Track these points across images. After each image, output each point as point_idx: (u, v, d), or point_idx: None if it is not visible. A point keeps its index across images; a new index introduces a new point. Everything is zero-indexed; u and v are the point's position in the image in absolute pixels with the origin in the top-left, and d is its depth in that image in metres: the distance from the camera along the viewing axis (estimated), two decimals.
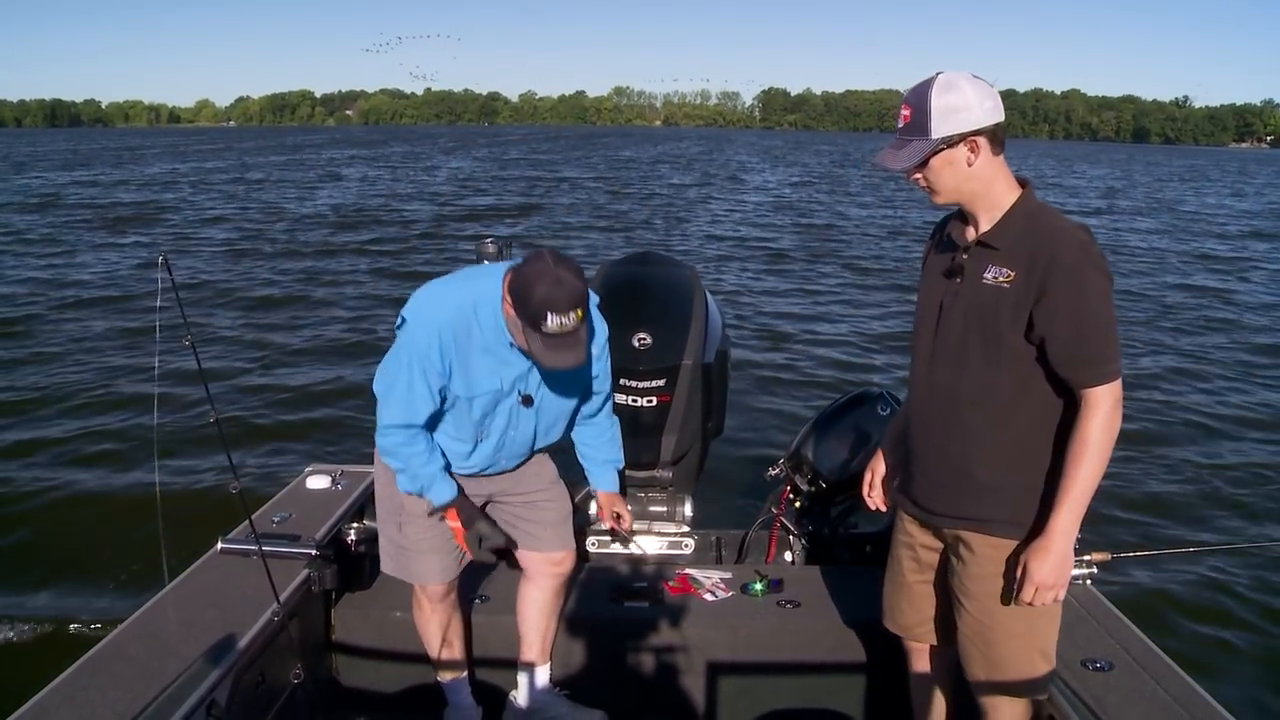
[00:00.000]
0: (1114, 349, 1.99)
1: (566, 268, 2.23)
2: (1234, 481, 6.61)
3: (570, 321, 2.21)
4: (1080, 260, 1.96)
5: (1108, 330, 1.99)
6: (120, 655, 2.40)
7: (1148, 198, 34.41)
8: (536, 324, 2.21)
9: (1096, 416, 1.99)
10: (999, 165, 2.07)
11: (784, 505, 3.75)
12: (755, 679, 3.05)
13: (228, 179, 34.30)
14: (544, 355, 2.27)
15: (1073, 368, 2.00)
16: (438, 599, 2.79)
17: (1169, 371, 9.73)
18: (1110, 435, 2.00)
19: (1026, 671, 2.24)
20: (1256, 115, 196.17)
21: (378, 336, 10.31)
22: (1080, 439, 2.00)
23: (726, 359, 3.66)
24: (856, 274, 15.27)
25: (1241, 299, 14.31)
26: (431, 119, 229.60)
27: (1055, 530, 2.04)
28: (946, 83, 2.02)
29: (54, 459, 6.52)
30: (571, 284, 2.21)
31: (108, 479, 6.19)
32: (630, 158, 53.95)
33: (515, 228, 20.17)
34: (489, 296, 2.40)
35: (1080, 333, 1.97)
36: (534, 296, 2.19)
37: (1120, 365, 2.00)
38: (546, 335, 2.23)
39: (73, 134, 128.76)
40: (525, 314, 2.23)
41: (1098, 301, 1.97)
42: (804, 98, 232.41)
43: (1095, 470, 2.01)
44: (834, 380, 8.72)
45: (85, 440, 6.86)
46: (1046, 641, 2.25)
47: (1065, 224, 2.04)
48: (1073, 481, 2.01)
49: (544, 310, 2.19)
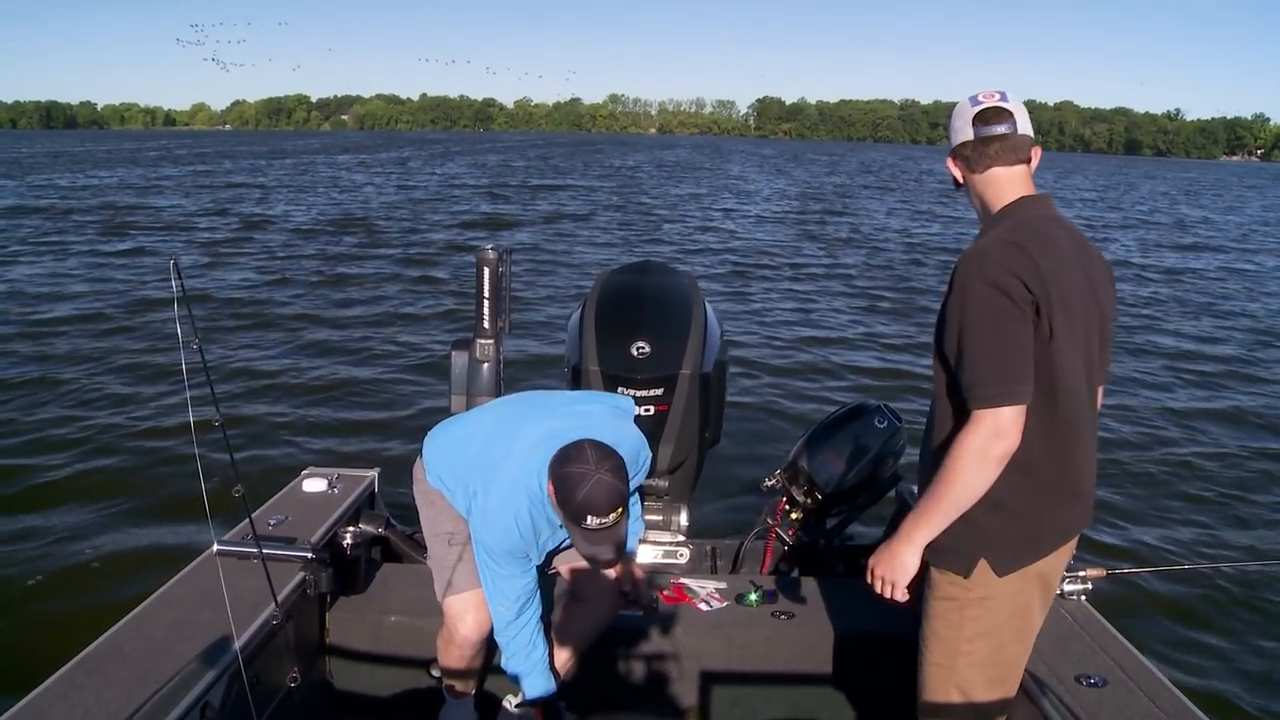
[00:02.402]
0: (994, 373, 1.88)
1: (608, 467, 2.34)
2: (1231, 497, 6.62)
3: (609, 521, 2.34)
4: (970, 273, 1.92)
5: (989, 350, 1.89)
6: (115, 655, 2.40)
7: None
8: (578, 521, 2.34)
9: (967, 436, 1.90)
10: (987, 182, 2.12)
11: (780, 516, 3.77)
12: (749, 689, 3.05)
13: (227, 182, 34.22)
14: (583, 546, 2.42)
15: (960, 386, 1.94)
16: (473, 638, 2.78)
17: (1165, 382, 9.78)
18: (982, 463, 1.89)
19: (944, 704, 2.19)
20: (1247, 128, 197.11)
21: (377, 339, 10.33)
22: (949, 454, 1.93)
23: (725, 369, 3.67)
24: (858, 285, 15.27)
25: (1250, 308, 14.37)
26: (427, 124, 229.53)
27: (901, 532, 2.05)
28: (962, 102, 2.14)
29: (49, 458, 6.49)
30: (611, 486, 2.32)
31: (103, 480, 6.17)
32: (626, 165, 53.98)
33: (514, 235, 20.16)
34: (533, 483, 2.50)
35: (961, 349, 1.93)
36: (576, 498, 2.31)
37: (1006, 392, 1.87)
38: (587, 530, 2.35)
39: (68, 136, 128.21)
40: (567, 512, 2.35)
41: (977, 319, 1.90)
42: (799, 107, 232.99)
43: (953, 489, 1.92)
44: (832, 392, 8.72)
45: (82, 440, 6.83)
46: (967, 682, 2.15)
47: (994, 237, 2.00)
48: (930, 493, 1.98)
49: (585, 513, 2.31)
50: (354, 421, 7.35)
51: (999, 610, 2.09)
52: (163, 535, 5.32)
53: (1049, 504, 2.03)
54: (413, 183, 35.80)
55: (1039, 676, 2.48)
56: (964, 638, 2.11)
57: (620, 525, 2.38)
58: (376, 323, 11.24)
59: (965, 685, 2.16)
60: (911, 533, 2.03)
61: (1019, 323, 1.90)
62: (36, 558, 5.07)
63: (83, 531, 5.40)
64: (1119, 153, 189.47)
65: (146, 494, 5.87)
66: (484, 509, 2.57)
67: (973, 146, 2.10)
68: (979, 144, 2.09)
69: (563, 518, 2.39)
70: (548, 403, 2.80)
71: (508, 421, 2.71)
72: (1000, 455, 1.90)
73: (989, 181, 2.12)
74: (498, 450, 2.60)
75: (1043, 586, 2.16)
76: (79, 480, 6.13)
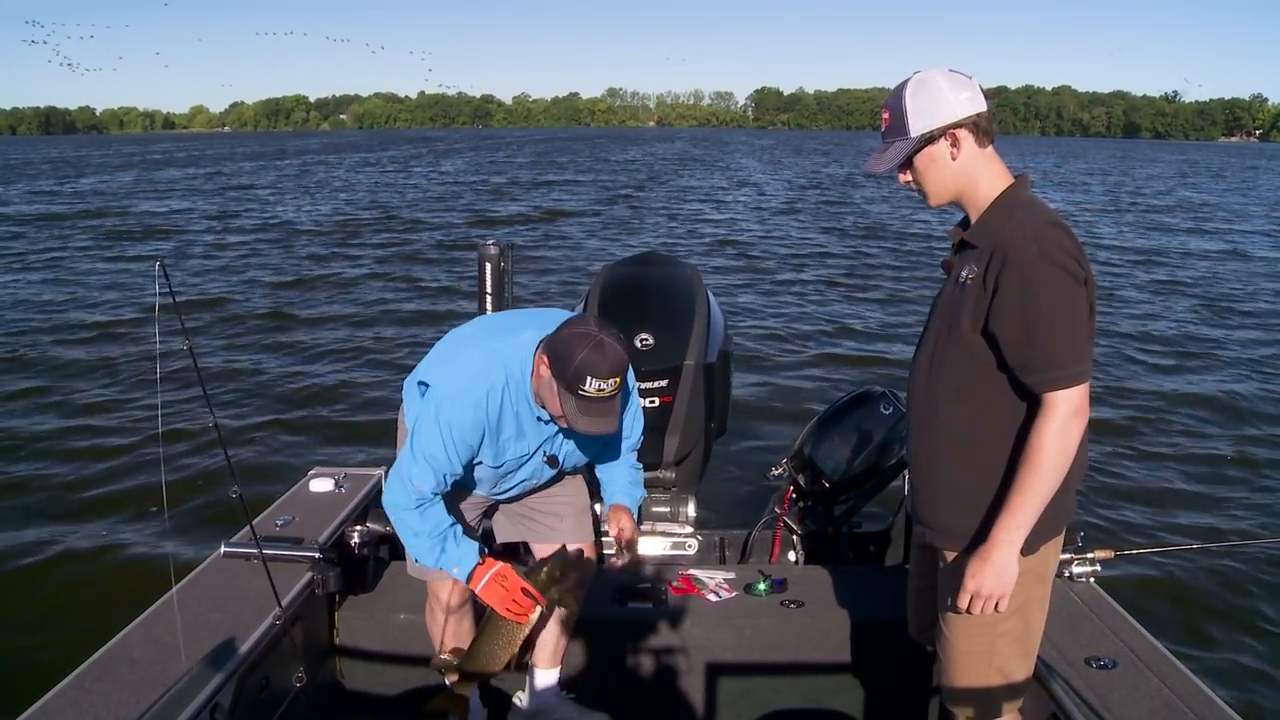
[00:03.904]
0: (1070, 353, 1.87)
1: (610, 333, 2.23)
2: (1241, 477, 6.62)
3: (609, 387, 2.19)
4: (1033, 258, 1.87)
5: (1063, 332, 1.87)
6: (124, 658, 2.40)
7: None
8: (574, 387, 2.19)
9: (1049, 423, 1.88)
10: (986, 158, 2.01)
11: (787, 505, 3.76)
12: (759, 679, 3.05)
13: (224, 185, 34.23)
14: (577, 419, 2.24)
15: (1025, 370, 1.91)
16: (453, 604, 2.74)
17: (1174, 361, 9.76)
18: (1064, 444, 1.89)
19: (982, 689, 2.17)
20: (1245, 109, 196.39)
21: (379, 339, 10.32)
22: (1030, 445, 1.90)
23: (729, 359, 3.67)
24: (859, 273, 15.27)
25: (1261, 290, 14.32)
26: (425, 122, 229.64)
27: (996, 539, 1.96)
28: (920, 80, 2.00)
29: (56, 463, 6.52)
30: (614, 350, 2.20)
31: (111, 483, 6.19)
32: (626, 159, 53.92)
33: (515, 232, 20.15)
34: (516, 367, 2.36)
35: (1029, 334, 1.88)
36: (575, 358, 2.17)
37: (1081, 370, 1.88)
38: (583, 399, 2.20)
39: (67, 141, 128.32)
40: (563, 376, 2.20)
41: (1051, 301, 1.86)
42: (797, 97, 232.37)
43: (1044, 480, 1.90)
44: (837, 380, 8.71)
45: (88, 444, 6.86)
46: (1006, 662, 2.14)
47: (1033, 219, 1.93)
48: (1019, 489, 1.92)
49: (584, 374, 2.17)
50: (357, 422, 7.36)
51: (1027, 583, 2.06)
52: (169, 539, 5.33)
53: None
54: (413, 181, 35.80)
55: (1049, 659, 2.47)
56: (999, 618, 2.07)
57: (617, 398, 2.25)
58: (379, 322, 11.26)
59: (1004, 665, 2.15)
60: (1007, 536, 1.95)
61: (1082, 302, 1.90)
62: (44, 565, 5.09)
63: (88, 537, 5.42)
64: (1118, 136, 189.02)
65: (154, 498, 5.87)
66: (452, 376, 2.37)
67: (987, 118, 2.00)
68: (990, 115, 2.01)
69: (558, 388, 2.22)
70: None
71: (484, 326, 2.63)
72: (1080, 434, 1.91)
73: (991, 158, 2.03)
74: (473, 339, 2.50)
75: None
76: (81, 487, 6.15)
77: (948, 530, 2.13)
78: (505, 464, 2.48)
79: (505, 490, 2.63)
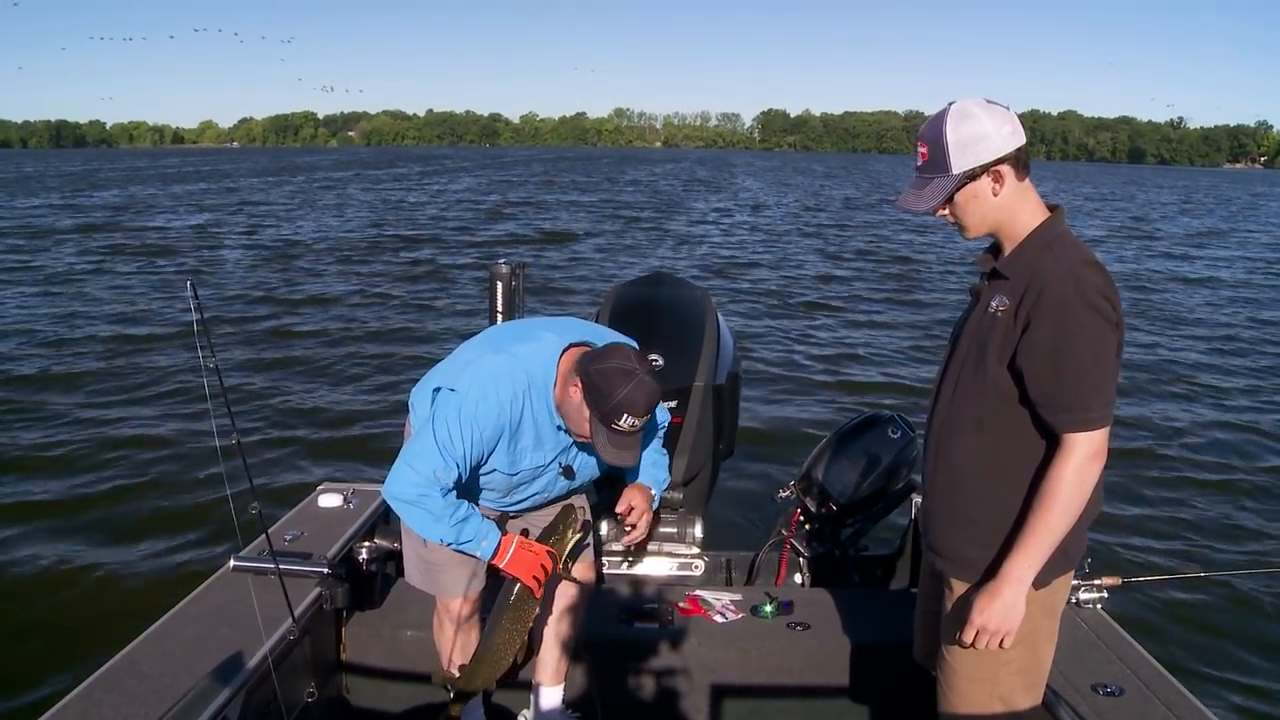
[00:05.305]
0: (1096, 396, 1.87)
1: (648, 369, 2.22)
2: (1248, 504, 6.60)
3: (641, 424, 2.21)
4: (1068, 297, 1.85)
5: (1091, 374, 1.86)
6: (133, 671, 2.40)
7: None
8: (610, 420, 2.19)
9: (1067, 463, 1.89)
10: (1024, 191, 1.98)
11: (794, 527, 3.76)
12: (764, 701, 3.04)
13: (240, 201, 34.35)
14: (607, 451, 2.25)
15: (1049, 409, 1.90)
16: (463, 616, 2.74)
17: (1183, 389, 9.75)
18: (1081, 485, 1.89)
19: (984, 717, 2.16)
20: (1250, 135, 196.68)
21: (389, 356, 10.35)
22: (1047, 484, 1.91)
23: (738, 380, 3.67)
24: (870, 296, 15.29)
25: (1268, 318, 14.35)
26: (433, 140, 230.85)
27: (1006, 575, 1.96)
28: (961, 113, 1.94)
29: (67, 475, 6.54)
30: (653, 387, 2.20)
31: (120, 496, 6.20)
32: (635, 179, 54.11)
33: (526, 250, 20.20)
34: (539, 373, 2.35)
35: (1058, 373, 1.87)
36: (616, 394, 2.16)
37: (1105, 415, 1.88)
38: (615, 432, 2.21)
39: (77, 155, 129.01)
40: (600, 408, 2.19)
41: (1083, 342, 1.85)
42: (803, 119, 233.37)
43: (1059, 519, 1.90)
44: (846, 403, 8.71)
45: (99, 460, 6.86)
46: (1009, 692, 2.14)
47: (1071, 256, 1.91)
48: (1032, 527, 1.92)
49: (622, 411, 2.17)
50: (367, 437, 7.36)
51: (1035, 615, 2.05)
52: (179, 552, 5.34)
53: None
54: (423, 200, 35.91)
55: (1055, 686, 2.46)
56: (1005, 649, 2.06)
57: (643, 432, 2.26)
58: (390, 338, 11.28)
59: (1008, 695, 2.15)
60: (1018, 573, 1.95)
61: (1112, 345, 1.89)
62: (56, 575, 5.10)
63: (99, 548, 5.42)
64: (1123, 161, 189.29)
65: (163, 512, 5.89)
66: (478, 378, 2.31)
67: (1026, 150, 1.98)
68: (1027, 147, 1.98)
69: (591, 417, 2.22)
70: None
71: (503, 333, 2.60)
72: (1097, 476, 1.91)
73: (1028, 190, 1.99)
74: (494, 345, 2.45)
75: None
76: (96, 499, 6.16)
77: (958, 560, 2.13)
78: (520, 473, 2.47)
79: (517, 502, 2.63)
